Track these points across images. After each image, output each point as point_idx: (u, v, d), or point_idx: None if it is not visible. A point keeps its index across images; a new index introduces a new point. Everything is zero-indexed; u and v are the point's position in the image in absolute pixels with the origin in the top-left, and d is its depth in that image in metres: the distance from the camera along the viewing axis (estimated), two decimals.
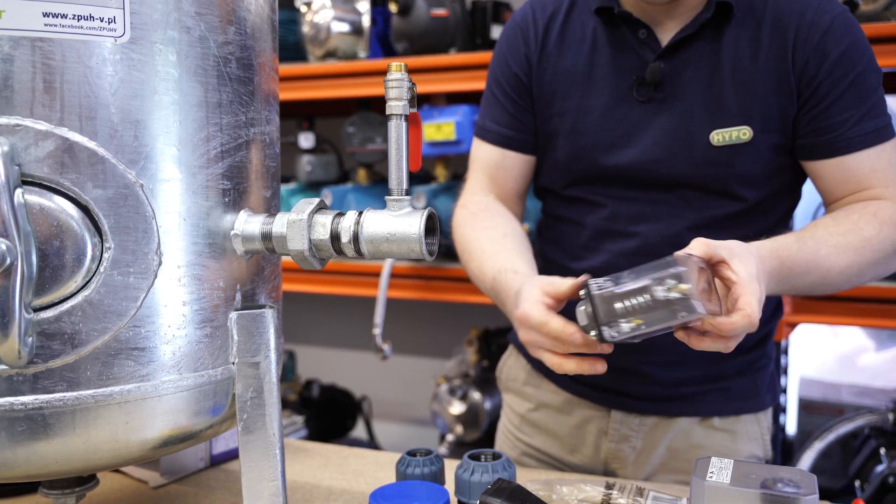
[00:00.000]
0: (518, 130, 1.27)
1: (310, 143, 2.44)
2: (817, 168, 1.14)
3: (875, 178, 1.11)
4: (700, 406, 1.24)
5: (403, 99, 0.81)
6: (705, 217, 1.15)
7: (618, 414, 1.26)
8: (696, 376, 1.22)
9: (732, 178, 1.13)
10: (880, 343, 2.69)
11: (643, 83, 1.15)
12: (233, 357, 0.82)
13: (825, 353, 2.69)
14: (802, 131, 1.13)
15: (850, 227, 1.08)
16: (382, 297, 2.17)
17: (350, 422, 2.74)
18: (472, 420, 2.37)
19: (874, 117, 1.10)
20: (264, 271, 0.89)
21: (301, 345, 3.13)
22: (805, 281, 1.04)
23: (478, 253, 1.19)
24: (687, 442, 1.24)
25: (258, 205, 0.86)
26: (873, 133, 1.10)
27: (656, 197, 1.16)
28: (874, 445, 1.97)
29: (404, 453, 1.02)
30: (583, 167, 1.20)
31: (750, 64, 1.11)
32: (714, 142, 1.12)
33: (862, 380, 2.57)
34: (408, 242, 0.80)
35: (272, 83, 0.90)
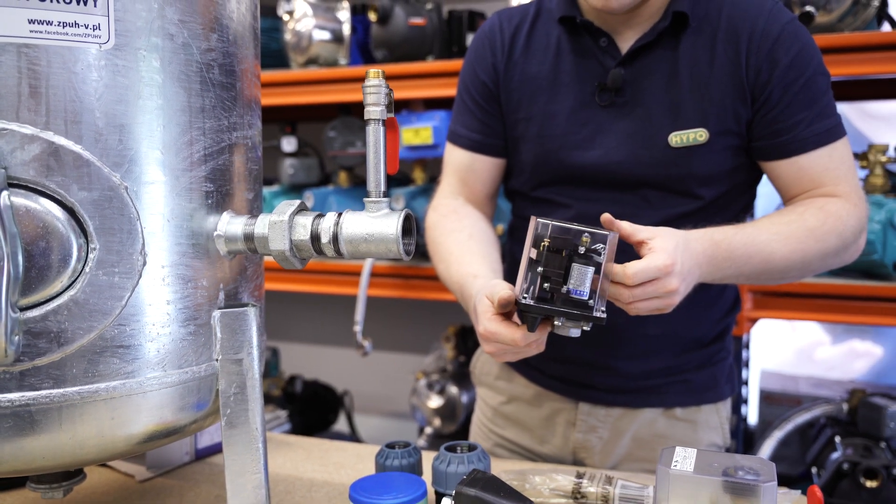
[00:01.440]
0: (487, 135, 1.28)
1: (292, 146, 2.43)
2: (774, 168, 1.15)
3: (827, 175, 1.12)
4: (663, 398, 1.25)
5: (381, 104, 0.81)
6: (666, 215, 1.17)
7: (585, 406, 1.27)
8: (658, 369, 1.24)
9: (691, 177, 1.15)
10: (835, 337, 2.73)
11: (605, 89, 1.16)
12: (216, 354, 0.81)
13: (784, 347, 2.72)
14: (758, 134, 1.14)
15: (793, 217, 1.10)
16: (363, 295, 2.16)
17: (332, 416, 2.73)
18: (450, 413, 2.37)
19: (825, 118, 1.12)
20: (247, 271, 0.88)
21: (285, 342, 3.11)
22: (749, 265, 1.05)
23: (445, 255, 1.21)
24: (651, 432, 1.25)
25: (241, 206, 0.86)
26: (825, 133, 1.12)
27: (619, 197, 1.18)
28: (830, 434, 2.00)
29: (383, 446, 1.01)
30: (549, 169, 1.21)
31: (706, 70, 1.13)
32: (672, 143, 1.13)
33: (818, 372, 2.61)
34: (385, 243, 0.80)
35: (254, 89, 0.89)
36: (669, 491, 0.83)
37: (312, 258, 0.85)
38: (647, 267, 0.92)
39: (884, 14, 1.84)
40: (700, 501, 0.82)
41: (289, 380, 2.67)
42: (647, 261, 0.92)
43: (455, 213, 1.27)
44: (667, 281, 0.93)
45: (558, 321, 0.91)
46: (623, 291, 0.93)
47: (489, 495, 0.85)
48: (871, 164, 1.82)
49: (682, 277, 0.95)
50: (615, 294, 0.94)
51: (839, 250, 1.11)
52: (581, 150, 1.18)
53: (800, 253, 1.08)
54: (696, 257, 0.98)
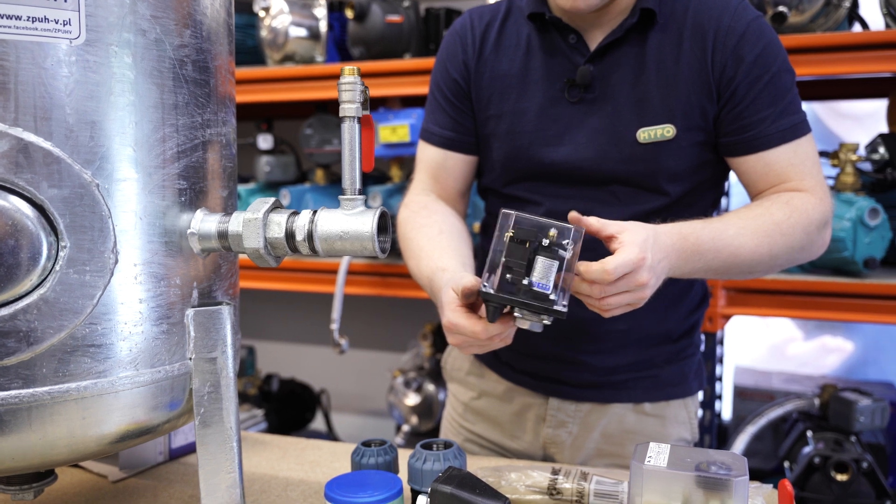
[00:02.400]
0: (459, 132, 1.29)
1: (268, 144, 2.42)
2: (740, 164, 1.17)
3: (793, 171, 1.14)
4: (632, 393, 1.26)
5: (356, 102, 0.81)
6: (635, 211, 1.18)
7: (555, 401, 1.28)
8: (627, 364, 1.25)
9: (658, 173, 1.16)
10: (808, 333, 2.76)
11: (574, 85, 1.17)
12: (190, 353, 0.81)
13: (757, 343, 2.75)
14: (725, 130, 1.15)
15: (760, 211, 1.11)
16: (340, 293, 2.16)
17: (309, 414, 2.72)
18: (427, 411, 2.38)
19: (790, 114, 1.14)
20: (221, 269, 0.88)
21: (261, 340, 3.09)
22: (717, 259, 1.06)
23: (416, 251, 1.21)
24: (620, 427, 1.27)
25: (215, 204, 0.85)
26: (790, 129, 1.14)
27: (589, 193, 1.19)
28: (801, 429, 2.02)
29: (359, 444, 1.01)
30: (520, 166, 1.22)
31: (672, 66, 1.14)
32: (640, 139, 1.14)
33: (791, 367, 2.64)
34: (360, 240, 0.80)
35: (228, 85, 0.89)
36: (643, 486, 0.84)
37: (287, 256, 0.84)
38: (625, 261, 0.92)
39: (855, 15, 1.86)
40: (673, 496, 0.82)
41: (265, 378, 2.66)
42: (621, 255, 0.93)
43: (426, 209, 1.27)
44: (638, 274, 0.93)
45: (518, 313, 0.92)
46: (595, 289, 0.94)
47: (465, 493, 0.85)
48: (842, 163, 1.84)
49: (653, 271, 0.95)
50: (588, 292, 0.95)
51: (805, 244, 1.13)
52: (551, 146, 1.19)
53: (767, 247, 1.09)
54: (665, 251, 0.99)
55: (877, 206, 1.76)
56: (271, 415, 2.53)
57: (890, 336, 2.53)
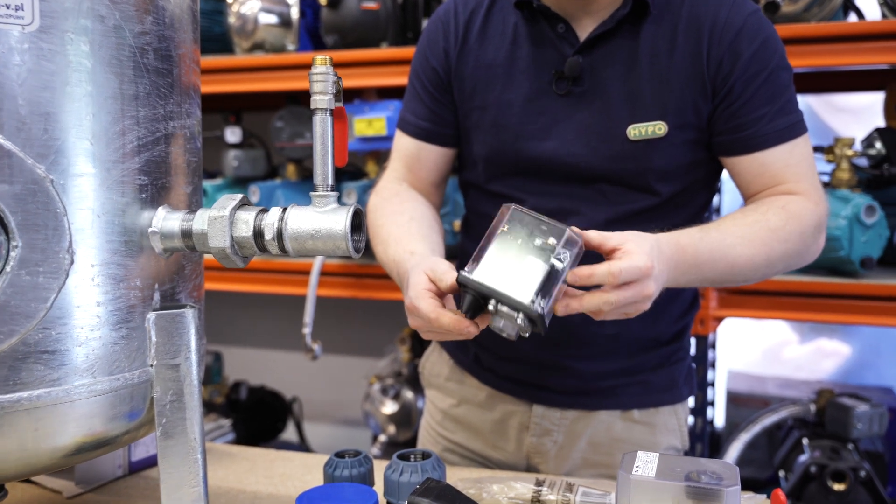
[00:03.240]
0: (435, 123, 1.29)
1: (237, 137, 2.40)
2: (734, 164, 1.18)
3: (788, 172, 1.16)
4: (620, 399, 1.27)
5: (328, 93, 0.81)
6: (623, 211, 1.18)
7: (539, 408, 1.28)
8: (615, 369, 1.26)
9: (649, 172, 1.17)
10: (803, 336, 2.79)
11: (562, 77, 1.18)
12: (151, 359, 0.80)
13: (751, 347, 2.78)
14: (719, 128, 1.16)
15: (756, 217, 1.12)
16: (312, 295, 2.15)
17: (280, 424, 2.71)
18: (405, 419, 2.38)
19: (787, 113, 1.15)
20: (185, 270, 0.87)
21: (228, 346, 3.08)
22: (714, 271, 1.08)
23: (384, 237, 1.22)
24: (608, 435, 1.27)
25: (178, 201, 0.85)
26: (787, 129, 1.15)
27: (575, 192, 1.19)
28: (797, 436, 2.05)
29: (332, 455, 1.01)
30: (504, 160, 1.23)
31: (666, 60, 1.15)
32: (631, 136, 1.15)
33: (786, 372, 2.67)
34: (333, 239, 0.80)
35: (193, 75, 0.88)
36: (631, 497, 0.85)
37: (256, 256, 0.84)
38: (632, 266, 0.92)
39: (850, 4, 1.89)
40: None
41: (232, 386, 2.64)
42: (628, 260, 0.92)
43: (397, 197, 1.29)
44: (646, 284, 0.94)
45: (492, 306, 0.90)
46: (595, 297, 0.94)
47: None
48: (838, 158, 1.87)
49: (658, 281, 0.96)
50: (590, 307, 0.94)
51: (801, 250, 1.15)
52: (536, 140, 1.19)
53: (764, 255, 1.10)
54: (667, 262, 1.00)
55: (873, 204, 1.78)
56: (239, 425, 2.52)
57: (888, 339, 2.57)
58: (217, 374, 2.69)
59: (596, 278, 0.92)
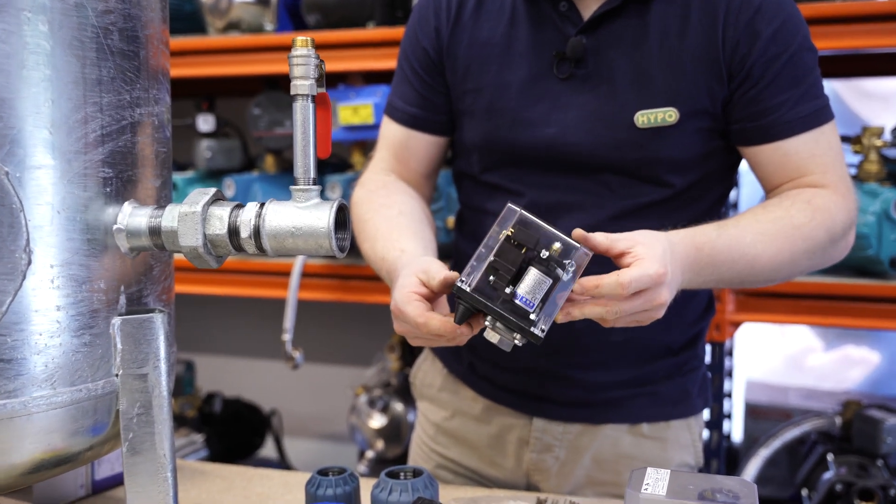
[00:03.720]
0: (425, 110, 1.30)
1: (210, 126, 2.40)
2: (755, 154, 1.19)
3: (813, 163, 1.16)
4: (628, 412, 1.27)
5: (310, 78, 0.81)
6: (630, 205, 1.19)
7: (540, 422, 1.29)
8: (622, 380, 1.26)
9: (658, 162, 1.17)
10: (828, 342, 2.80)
11: (564, 59, 1.18)
12: (116, 368, 0.80)
13: (771, 355, 2.79)
14: (737, 115, 1.17)
15: (780, 213, 1.13)
16: (293, 298, 2.15)
17: (258, 439, 2.71)
18: (395, 434, 2.38)
19: (811, 99, 1.15)
20: (153, 271, 0.87)
21: (200, 354, 3.07)
22: (732, 271, 1.09)
23: (371, 233, 1.23)
24: (615, 451, 1.28)
25: (146, 195, 0.85)
26: (812, 116, 1.15)
27: (577, 184, 1.20)
28: (821, 451, 2.05)
29: (314, 472, 1.01)
30: (499, 149, 1.23)
31: (677, 41, 1.15)
32: (639, 123, 1.16)
33: (809, 382, 2.68)
34: (315, 237, 0.80)
35: (161, 58, 0.88)
36: None
37: (231, 256, 0.84)
38: (642, 275, 0.93)
39: None
40: None
41: (206, 398, 2.64)
42: (638, 269, 0.93)
43: (385, 189, 1.29)
44: (658, 292, 0.94)
45: (489, 322, 0.92)
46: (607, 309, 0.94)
47: None
48: (866, 149, 1.87)
49: (671, 288, 0.97)
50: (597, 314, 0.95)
51: (827, 247, 1.15)
52: (535, 127, 1.20)
53: (787, 253, 1.11)
54: (681, 263, 1.01)
55: None
56: (213, 440, 2.52)
57: None
58: (189, 384, 2.69)
59: (604, 289, 0.93)
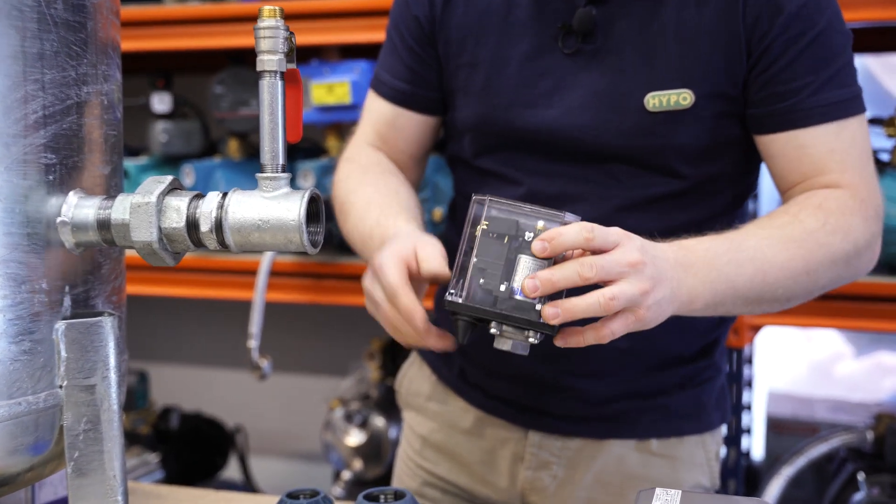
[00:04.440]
0: (415, 85, 1.31)
1: (166, 106, 2.40)
2: (768, 144, 1.18)
3: (832, 160, 1.15)
4: (634, 426, 1.28)
5: (278, 52, 0.81)
6: (638, 197, 1.19)
7: (536, 436, 1.29)
8: (627, 391, 1.26)
9: (671, 150, 1.17)
10: (860, 349, 2.82)
11: (570, 32, 1.18)
12: (60, 379, 0.80)
13: (796, 362, 2.81)
14: (753, 98, 1.17)
15: (787, 219, 1.12)
16: (260, 300, 2.15)
17: (220, 459, 2.71)
18: (374, 452, 2.38)
19: (837, 86, 1.15)
20: (101, 269, 0.87)
21: (155, 363, 3.07)
22: (741, 277, 1.06)
23: (362, 204, 1.24)
24: (620, 471, 1.28)
25: (93, 184, 0.85)
26: (836, 105, 1.14)
27: (581, 172, 1.20)
28: (851, 470, 2.07)
29: (283, 496, 1.02)
30: (496, 131, 1.24)
31: (694, 15, 1.15)
32: (649, 106, 1.16)
33: (839, 392, 2.70)
34: (284, 231, 0.80)
35: (111, 29, 0.88)
36: None
37: (190, 252, 0.84)
38: (608, 229, 0.94)
39: None
40: None
41: (161, 413, 2.64)
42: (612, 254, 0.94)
43: (378, 166, 1.30)
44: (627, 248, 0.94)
45: (495, 329, 0.92)
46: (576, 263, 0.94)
47: None
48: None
49: (654, 281, 0.96)
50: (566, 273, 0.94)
51: (850, 257, 1.13)
52: (535, 108, 1.20)
53: (801, 259, 1.09)
54: (667, 262, 1.00)
55: None
56: (170, 460, 2.52)
57: None
58: (142, 397, 2.69)
59: (566, 237, 0.93)
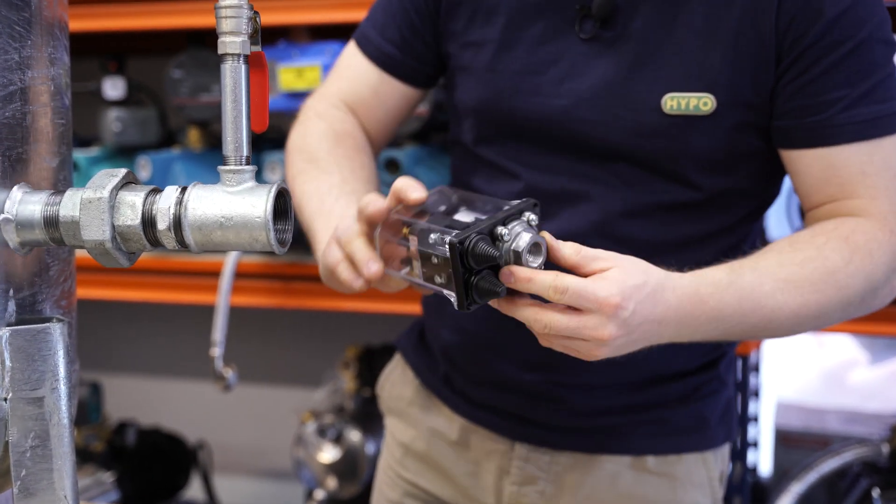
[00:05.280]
0: (405, 54, 1.32)
1: (119, 91, 2.39)
2: (795, 160, 1.17)
3: (862, 184, 1.13)
4: (629, 441, 1.28)
5: (242, 33, 0.81)
6: (646, 203, 1.18)
7: (523, 448, 1.30)
8: (621, 404, 1.27)
9: (685, 157, 1.16)
10: (875, 355, 2.84)
11: (588, 15, 1.17)
12: (5, 391, 0.80)
13: (807, 370, 2.82)
14: (780, 109, 1.15)
15: (811, 254, 1.10)
16: (224, 304, 2.15)
17: (181, 478, 2.71)
18: (350, 469, 2.38)
19: (875, 102, 1.12)
20: (49, 271, 0.87)
21: (109, 373, 3.06)
22: (743, 324, 1.07)
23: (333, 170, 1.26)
24: (613, 490, 1.28)
25: (40, 178, 0.85)
26: (871, 123, 1.12)
27: (585, 170, 1.20)
28: (865, 486, 2.08)
29: None
30: (497, 118, 1.24)
31: (725, 13, 1.13)
32: (666, 108, 1.14)
33: (852, 402, 2.72)
34: (249, 229, 0.80)
35: (58, 7, 0.88)
36: None
37: (146, 252, 0.84)
38: (586, 290, 0.94)
39: None
40: None
41: (117, 428, 2.64)
42: (590, 282, 0.95)
43: (352, 139, 1.32)
44: (599, 322, 0.95)
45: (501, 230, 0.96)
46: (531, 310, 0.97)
47: None
48: None
49: (626, 330, 0.97)
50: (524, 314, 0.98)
51: (865, 296, 1.12)
52: (542, 96, 1.20)
53: (815, 305, 1.09)
54: (665, 312, 1.00)
55: None
56: (126, 479, 2.51)
57: None
58: (95, 411, 2.67)
59: (536, 284, 0.94)
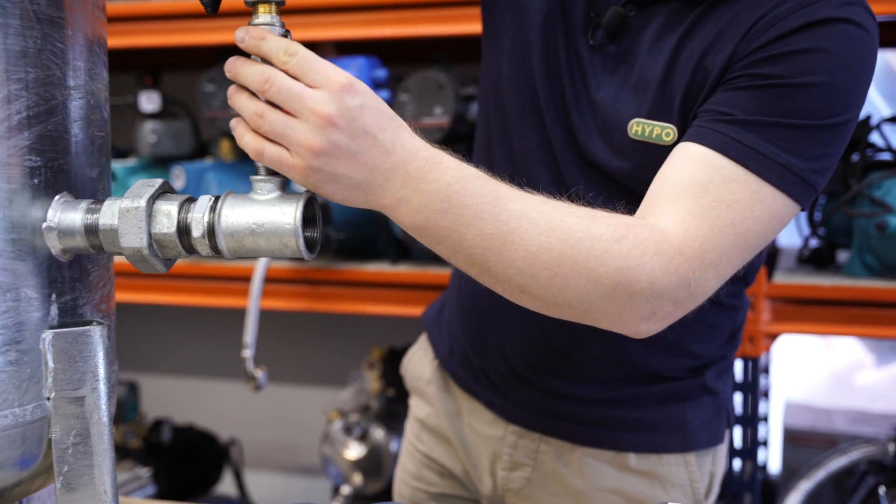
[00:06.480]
0: None
1: (155, 105, 2.40)
2: None
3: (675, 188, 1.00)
4: (609, 436, 1.26)
5: None
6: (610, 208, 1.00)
7: (512, 436, 1.31)
8: (602, 398, 1.25)
9: (645, 183, 1.05)
10: (881, 357, 2.82)
11: (597, 26, 1.14)
12: (48, 391, 0.81)
13: (815, 371, 2.81)
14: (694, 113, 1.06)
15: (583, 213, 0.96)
16: (254, 308, 2.15)
17: (214, 473, 2.72)
18: (375, 466, 2.38)
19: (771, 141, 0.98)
20: (90, 276, 0.87)
21: (146, 374, 3.07)
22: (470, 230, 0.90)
23: None
24: (594, 484, 1.27)
25: (80, 188, 0.85)
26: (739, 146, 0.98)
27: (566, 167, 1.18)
28: (872, 484, 2.06)
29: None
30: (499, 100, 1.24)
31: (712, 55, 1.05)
32: (631, 133, 1.10)
33: (859, 403, 2.70)
34: (279, 236, 0.80)
35: (97, 25, 0.88)
36: None
37: (181, 258, 0.84)
38: (315, 59, 0.88)
39: None
40: None
41: (152, 425, 2.65)
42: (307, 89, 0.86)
43: None
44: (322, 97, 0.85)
45: None
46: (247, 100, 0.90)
47: None
48: None
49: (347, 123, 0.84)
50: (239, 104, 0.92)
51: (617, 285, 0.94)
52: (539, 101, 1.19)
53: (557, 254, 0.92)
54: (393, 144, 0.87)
55: None
56: (161, 474, 2.52)
57: None
58: (132, 409, 2.69)
59: (268, 43, 0.87)
